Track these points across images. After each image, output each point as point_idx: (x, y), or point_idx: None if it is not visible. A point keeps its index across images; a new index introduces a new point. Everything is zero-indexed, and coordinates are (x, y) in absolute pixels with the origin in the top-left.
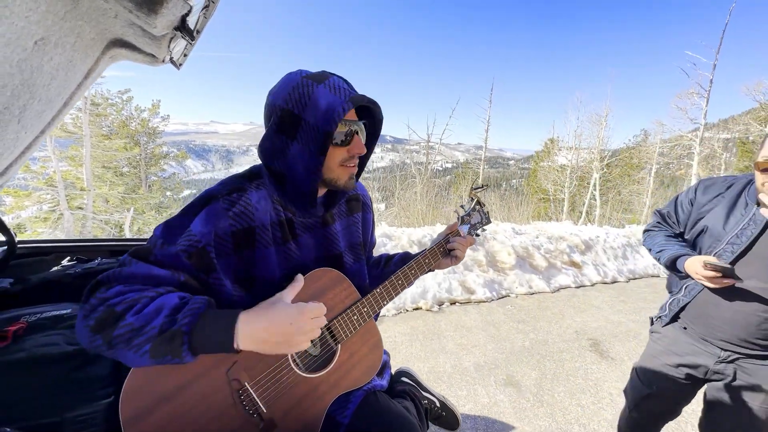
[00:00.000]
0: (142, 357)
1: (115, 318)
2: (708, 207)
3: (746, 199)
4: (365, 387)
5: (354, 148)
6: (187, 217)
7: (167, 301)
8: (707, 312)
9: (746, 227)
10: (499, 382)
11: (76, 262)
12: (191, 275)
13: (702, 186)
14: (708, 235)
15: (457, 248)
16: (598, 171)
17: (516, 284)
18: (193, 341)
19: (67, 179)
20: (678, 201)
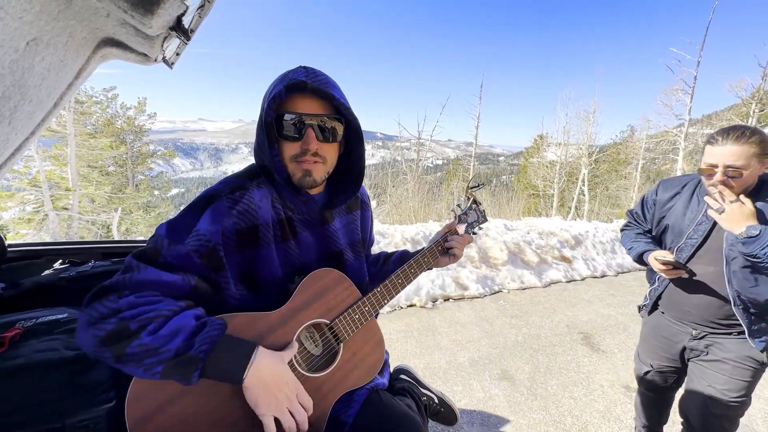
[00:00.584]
0: (152, 375)
1: (129, 335)
2: (669, 205)
3: (698, 197)
4: (368, 386)
5: (303, 143)
6: (192, 216)
7: (184, 324)
8: (677, 299)
9: (701, 223)
10: (493, 377)
11: (69, 266)
12: (201, 276)
13: (662, 186)
14: (671, 231)
15: (456, 246)
16: (586, 167)
17: (508, 280)
18: (206, 367)
19: (52, 179)
20: (644, 201)
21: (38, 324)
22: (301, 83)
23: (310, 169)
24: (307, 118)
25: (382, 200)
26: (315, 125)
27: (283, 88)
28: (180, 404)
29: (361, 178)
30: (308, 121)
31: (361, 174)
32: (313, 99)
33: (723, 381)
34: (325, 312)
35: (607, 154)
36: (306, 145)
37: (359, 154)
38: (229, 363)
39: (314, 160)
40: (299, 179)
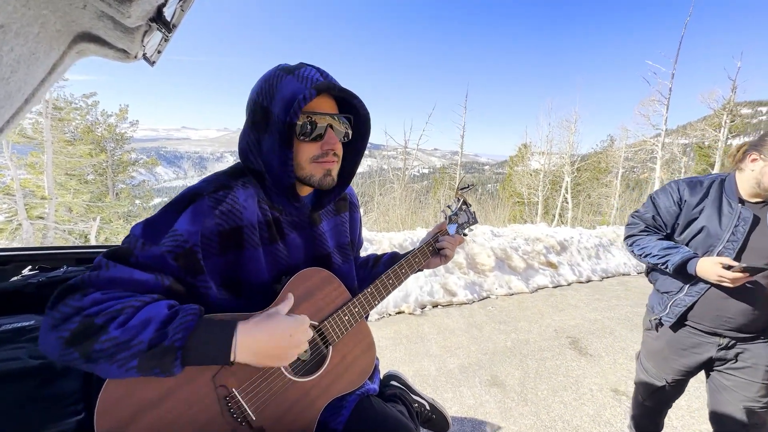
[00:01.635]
0: (127, 371)
1: (95, 331)
2: (699, 208)
3: (728, 199)
4: (358, 391)
5: (326, 144)
6: (171, 215)
7: (155, 312)
8: (718, 307)
9: (738, 225)
10: (483, 383)
11: (39, 272)
12: (177, 279)
13: (686, 187)
14: (706, 235)
15: (447, 247)
16: (569, 175)
17: (496, 285)
18: (186, 355)
19: (27, 187)
20: (658, 203)
21: (1, 332)
22: (330, 85)
23: (330, 169)
24: (329, 118)
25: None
26: (334, 125)
27: (314, 89)
28: (157, 412)
29: (350, 177)
30: (329, 120)
31: (353, 171)
32: (329, 98)
33: (757, 388)
34: (313, 313)
35: (588, 162)
36: (329, 145)
37: (358, 148)
38: (212, 347)
39: (333, 159)
40: (320, 179)
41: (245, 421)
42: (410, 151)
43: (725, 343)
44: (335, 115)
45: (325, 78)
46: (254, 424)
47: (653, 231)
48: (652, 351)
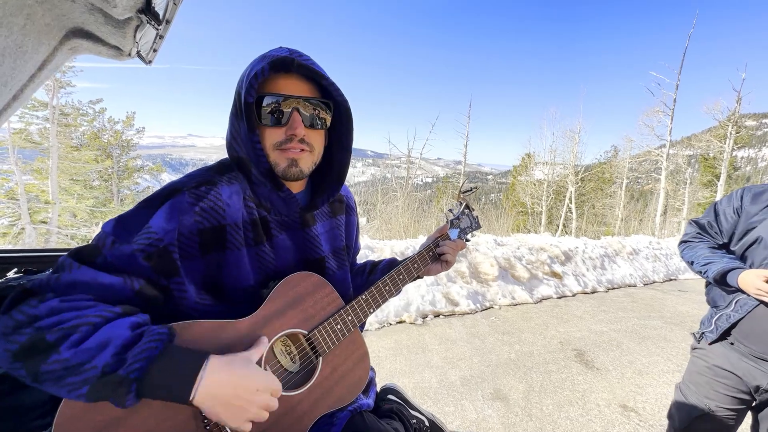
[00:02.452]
0: (75, 397)
1: (45, 348)
2: (760, 216)
3: None
4: (350, 407)
5: (289, 128)
6: (146, 211)
7: (115, 334)
8: (765, 328)
9: None
10: (486, 396)
11: (23, 274)
12: (148, 281)
13: (749, 194)
14: (763, 246)
15: (448, 252)
16: (573, 185)
17: (499, 295)
18: (142, 388)
19: (31, 192)
20: (719, 210)
21: None
22: (287, 60)
23: (296, 158)
24: (294, 101)
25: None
26: (301, 109)
27: (267, 65)
28: (124, 428)
29: (343, 173)
30: (294, 103)
31: (344, 168)
32: (299, 80)
33: None
34: (302, 321)
35: (592, 173)
36: (292, 130)
37: (345, 144)
38: (171, 382)
39: (301, 147)
40: (284, 170)
41: None
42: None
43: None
44: (303, 98)
45: (292, 55)
46: None
47: (708, 238)
48: (694, 370)
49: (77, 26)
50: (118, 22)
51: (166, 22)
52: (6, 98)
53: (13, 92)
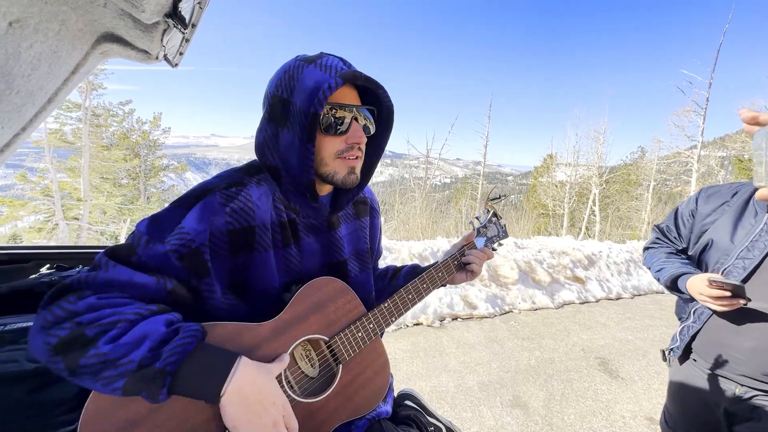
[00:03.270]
0: (112, 391)
1: (84, 343)
2: (712, 218)
3: (755, 206)
4: (369, 415)
5: (351, 137)
6: (179, 211)
7: (152, 329)
8: (722, 341)
9: (758, 239)
10: (505, 403)
11: (55, 270)
12: (180, 281)
13: (704, 195)
14: (714, 249)
15: (474, 262)
16: (596, 187)
17: (519, 299)
18: (175, 383)
19: (64, 189)
20: (678, 213)
21: (6, 331)
22: (357, 74)
23: (354, 166)
24: (354, 111)
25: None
26: (358, 117)
27: (340, 78)
28: (146, 427)
29: (369, 174)
30: (354, 113)
31: (371, 169)
32: (352, 89)
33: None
34: (323, 327)
35: (617, 174)
36: (355, 139)
37: (379, 142)
38: (204, 377)
39: (357, 155)
40: (344, 178)
41: None
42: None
43: (741, 392)
44: (360, 108)
45: (349, 67)
46: None
47: (667, 243)
48: (669, 393)
49: (108, 31)
50: (147, 27)
51: (192, 26)
52: (42, 101)
53: (49, 95)
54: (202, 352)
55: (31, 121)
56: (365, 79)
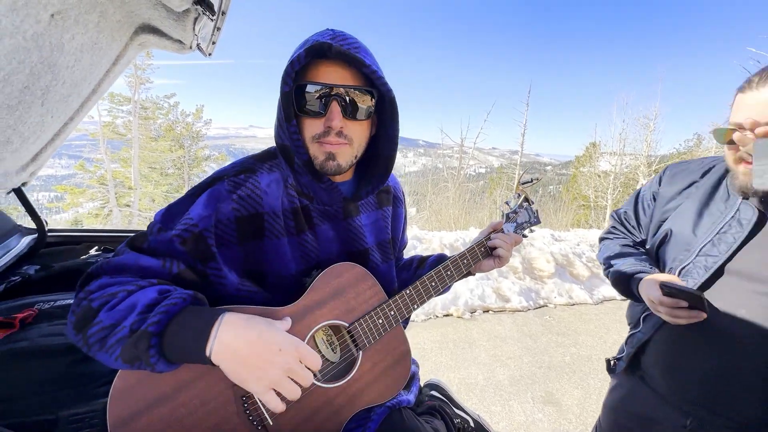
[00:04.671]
0: (116, 361)
1: (92, 315)
2: (676, 202)
3: (727, 189)
4: (389, 403)
5: (326, 120)
6: (190, 199)
7: (143, 296)
8: (673, 358)
9: (726, 230)
10: (537, 399)
11: (102, 252)
12: (187, 265)
13: (669, 173)
14: (673, 242)
15: (501, 246)
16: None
17: (555, 294)
18: (165, 345)
19: (117, 178)
20: (639, 197)
21: (54, 307)
22: (325, 46)
23: (334, 152)
24: (332, 90)
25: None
26: (341, 98)
27: (303, 51)
28: (169, 406)
29: (390, 165)
30: (333, 92)
31: (391, 160)
32: (340, 66)
33: None
34: (343, 313)
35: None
36: (329, 121)
37: (390, 135)
38: (188, 338)
39: (338, 141)
40: (321, 163)
41: (261, 425)
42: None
43: (690, 425)
44: (343, 86)
45: (333, 40)
46: (271, 429)
47: (624, 232)
48: (604, 409)
49: (145, 22)
50: (179, 15)
51: (222, 13)
52: (87, 91)
53: (92, 86)
54: (189, 314)
55: (77, 111)
56: (338, 53)
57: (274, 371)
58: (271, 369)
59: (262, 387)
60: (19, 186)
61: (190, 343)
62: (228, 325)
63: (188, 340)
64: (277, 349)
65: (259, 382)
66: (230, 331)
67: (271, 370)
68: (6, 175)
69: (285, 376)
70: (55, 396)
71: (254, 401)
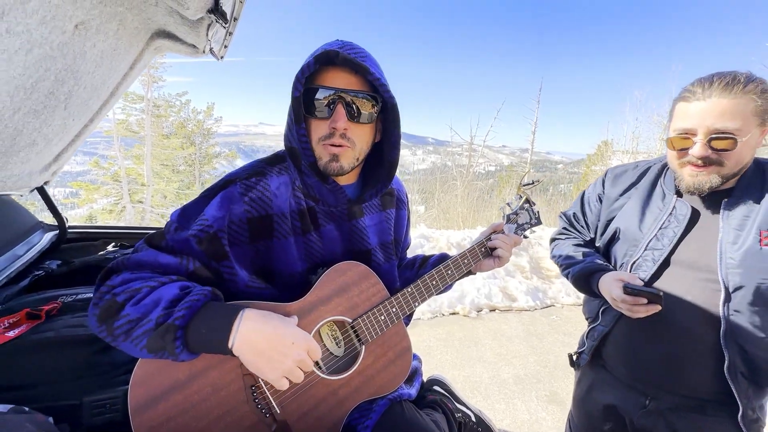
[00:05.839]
0: (141, 351)
1: (117, 308)
2: (620, 203)
3: (663, 188)
4: (390, 395)
5: (332, 122)
6: (203, 201)
7: (167, 292)
8: (632, 346)
9: (667, 225)
10: (541, 398)
11: (119, 248)
12: (202, 263)
13: (611, 175)
14: (623, 239)
15: (501, 246)
16: None
17: (562, 293)
18: (189, 337)
19: (130, 175)
20: (585, 198)
21: (76, 300)
22: (332, 53)
23: (338, 154)
24: (338, 93)
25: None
26: (345, 102)
27: (313, 59)
28: (185, 392)
29: (393, 169)
30: (338, 96)
31: (394, 165)
32: (347, 73)
33: None
34: (347, 309)
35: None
36: (334, 123)
37: (393, 141)
38: (212, 330)
39: (341, 143)
40: (325, 164)
41: (269, 413)
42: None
43: (650, 405)
44: (348, 91)
45: (341, 49)
46: (278, 417)
47: (574, 233)
48: (576, 398)
49: (160, 28)
50: (193, 23)
51: (234, 20)
52: (105, 95)
53: (111, 89)
54: (210, 309)
55: (97, 113)
56: (343, 60)
57: (288, 362)
58: (286, 360)
59: (277, 375)
60: (42, 185)
61: (213, 335)
62: (247, 321)
63: (212, 333)
64: (291, 343)
65: (274, 372)
66: (249, 326)
67: (285, 361)
68: (30, 175)
69: (296, 366)
70: (80, 383)
71: (263, 391)
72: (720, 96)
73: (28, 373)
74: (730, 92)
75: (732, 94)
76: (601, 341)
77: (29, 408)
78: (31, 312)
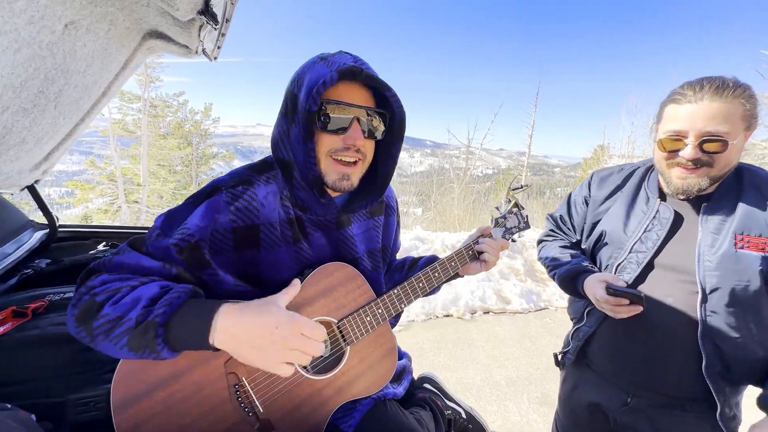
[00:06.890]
0: (121, 350)
1: (96, 308)
2: (605, 206)
3: (647, 191)
4: (375, 395)
5: (348, 137)
6: (188, 208)
7: (147, 291)
8: (616, 345)
9: (650, 228)
10: (532, 400)
11: (110, 247)
12: (184, 269)
13: (597, 178)
14: (608, 242)
15: (487, 251)
16: None
17: (556, 296)
18: (170, 335)
19: (126, 175)
20: (571, 201)
21: (64, 299)
22: (356, 70)
23: (349, 173)
24: (355, 110)
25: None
26: (361, 118)
27: (336, 73)
28: (169, 390)
29: (386, 181)
30: (356, 113)
31: (388, 177)
32: (361, 88)
33: None
34: (333, 310)
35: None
36: (352, 140)
37: (392, 153)
38: (191, 327)
39: (356, 158)
40: (334, 182)
41: (252, 411)
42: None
43: (631, 402)
44: (365, 108)
45: (357, 63)
46: (261, 416)
47: (561, 235)
48: (561, 397)
49: (152, 28)
50: (185, 23)
51: (226, 21)
52: (97, 94)
53: (102, 89)
54: (190, 306)
55: (88, 112)
56: (367, 77)
57: (275, 348)
58: (272, 347)
59: (270, 364)
60: (32, 183)
61: (193, 332)
62: (225, 314)
63: (192, 329)
64: (274, 328)
65: (264, 361)
66: (229, 319)
67: (271, 348)
68: (20, 173)
69: (288, 350)
70: (64, 381)
71: (246, 390)
72: (711, 99)
73: (12, 370)
74: (720, 96)
75: (723, 98)
76: (586, 341)
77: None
78: (17, 310)
